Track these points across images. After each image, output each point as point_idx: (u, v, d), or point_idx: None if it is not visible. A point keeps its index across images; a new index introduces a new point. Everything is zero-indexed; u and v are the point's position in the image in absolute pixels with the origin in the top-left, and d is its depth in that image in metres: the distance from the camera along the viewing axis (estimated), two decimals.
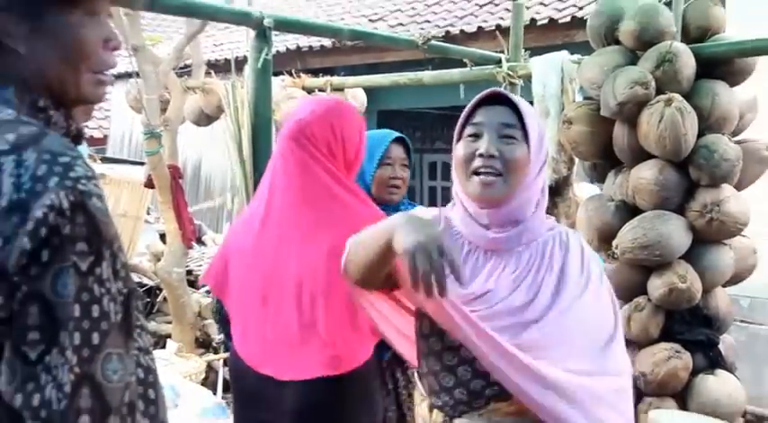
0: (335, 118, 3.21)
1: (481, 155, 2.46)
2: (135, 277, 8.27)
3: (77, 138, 1.75)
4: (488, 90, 2.58)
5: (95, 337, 1.49)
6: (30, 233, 1.45)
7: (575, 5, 8.60)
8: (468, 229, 2.60)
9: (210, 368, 7.13)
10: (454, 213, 2.67)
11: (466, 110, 2.57)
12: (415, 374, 2.90)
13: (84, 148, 3.57)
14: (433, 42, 6.01)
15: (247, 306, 3.19)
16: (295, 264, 3.09)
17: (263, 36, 4.54)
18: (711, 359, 4.90)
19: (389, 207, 3.73)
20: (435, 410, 2.66)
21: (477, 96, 2.56)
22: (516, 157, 2.48)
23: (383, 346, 3.16)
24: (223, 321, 3.45)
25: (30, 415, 1.46)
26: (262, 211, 3.28)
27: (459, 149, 2.53)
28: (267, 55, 4.57)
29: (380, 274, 2.50)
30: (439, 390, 2.63)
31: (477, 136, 2.50)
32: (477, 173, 2.48)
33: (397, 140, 3.89)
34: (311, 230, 3.09)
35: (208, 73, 8.37)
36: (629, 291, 4.99)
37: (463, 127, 2.56)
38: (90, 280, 1.50)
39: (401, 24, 10.44)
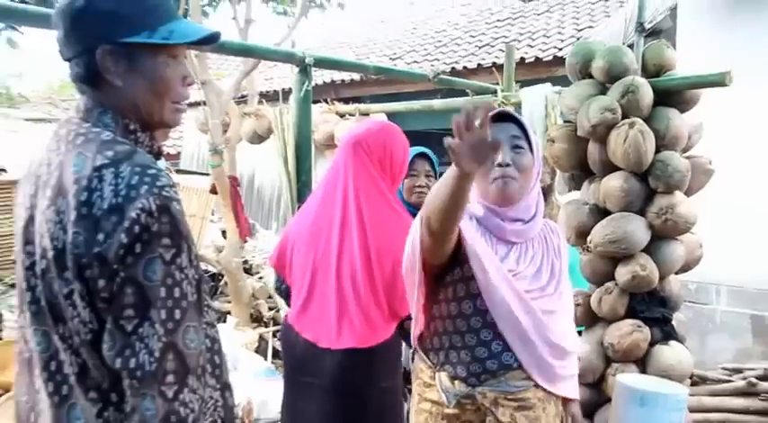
0: (388, 137, 3.24)
1: (500, 164, 2.52)
2: (202, 265, 8.31)
3: (158, 154, 1.80)
4: (496, 109, 2.56)
5: (177, 314, 1.55)
6: (126, 230, 1.51)
7: (555, 47, 8.60)
8: (490, 223, 2.62)
9: (262, 339, 7.13)
10: (475, 209, 2.68)
11: (485, 118, 2.40)
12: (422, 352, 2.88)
13: (162, 163, 3.60)
14: (442, 76, 6.03)
15: (300, 283, 3.21)
16: (338, 252, 3.10)
17: (304, 71, 4.57)
18: (666, 332, 4.90)
19: (419, 209, 3.71)
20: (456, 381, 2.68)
21: (492, 111, 2.41)
22: (525, 164, 2.56)
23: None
24: (284, 295, 3.46)
25: (127, 375, 1.52)
26: (315, 205, 3.31)
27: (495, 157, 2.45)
28: (308, 87, 4.60)
29: (457, 215, 2.34)
30: (457, 360, 2.66)
31: None
32: (496, 178, 2.53)
33: (422, 155, 3.89)
34: (356, 224, 3.10)
35: (260, 101, 8.40)
36: (601, 277, 5.00)
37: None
38: (172, 267, 1.55)
39: (415, 62, 10.44)
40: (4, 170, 8.49)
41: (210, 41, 1.83)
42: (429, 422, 2.74)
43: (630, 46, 5.11)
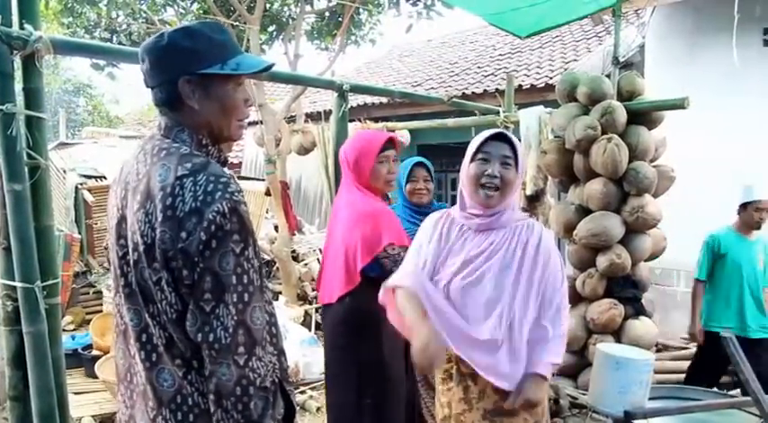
0: (346, 145, 3.40)
1: (488, 175, 2.50)
2: None
3: (224, 163, 1.82)
4: (495, 130, 2.61)
5: (246, 297, 1.58)
6: (205, 229, 1.54)
7: (547, 76, 8.55)
8: (465, 220, 2.63)
9: (307, 314, 7.16)
10: (455, 211, 2.70)
11: (477, 141, 2.57)
12: None
13: (227, 170, 3.64)
14: (454, 100, 6.02)
15: (322, 263, 3.41)
16: (339, 240, 3.23)
17: (342, 96, 4.57)
18: (637, 309, 4.91)
19: (423, 207, 3.71)
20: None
21: (487, 133, 2.57)
22: (510, 178, 2.52)
23: None
24: None
25: (206, 347, 1.56)
26: (334, 209, 3.46)
27: (472, 168, 2.55)
28: (345, 108, 4.61)
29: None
30: None
31: (486, 161, 2.53)
32: (483, 186, 2.52)
33: (419, 164, 3.85)
34: (347, 217, 3.23)
35: (306, 120, 8.46)
36: (584, 264, 5.01)
37: (476, 153, 2.56)
38: (242, 259, 1.58)
39: (432, 88, 10.43)
40: (104, 177, 8.59)
41: (267, 70, 1.86)
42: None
43: (608, 75, 5.14)
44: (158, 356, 1.68)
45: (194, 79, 1.71)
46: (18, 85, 2.70)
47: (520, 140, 5.47)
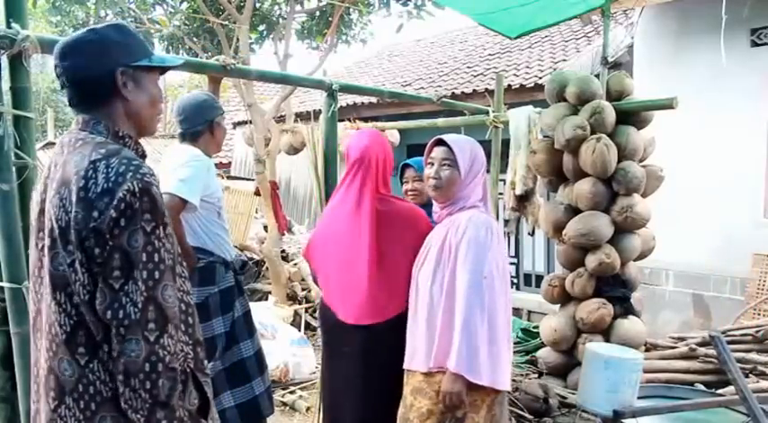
0: (379, 146, 3.19)
1: (432, 176, 2.92)
2: (248, 253, 8.35)
3: (144, 156, 1.87)
4: (436, 137, 3.00)
5: (157, 274, 1.62)
6: (115, 207, 1.59)
7: (536, 76, 8.56)
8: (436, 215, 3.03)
9: (296, 314, 7.16)
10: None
11: (427, 148, 3.00)
12: None
13: (214, 170, 3.61)
14: (444, 99, 6.02)
15: (328, 270, 3.16)
16: (346, 242, 3.08)
17: (332, 96, 4.56)
18: (625, 309, 4.92)
19: (423, 206, 3.55)
20: None
21: (432, 140, 3.00)
22: (448, 177, 2.89)
23: None
24: (315, 279, 3.45)
25: (116, 324, 1.59)
26: (330, 211, 3.26)
27: (425, 170, 2.99)
28: (334, 108, 4.59)
29: None
30: None
31: (431, 164, 2.96)
32: (430, 186, 2.94)
33: (407, 165, 3.84)
34: (367, 224, 3.04)
35: (296, 120, 8.45)
36: (573, 264, 5.01)
37: (425, 159, 3.02)
38: (152, 237, 1.63)
39: (422, 88, 10.43)
40: None
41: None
42: None
43: (597, 76, 5.15)
44: (57, 346, 1.70)
45: (129, 71, 1.79)
46: (5, 85, 2.68)
47: (509, 142, 5.50)
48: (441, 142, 2.95)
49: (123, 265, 1.59)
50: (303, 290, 7.69)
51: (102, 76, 1.77)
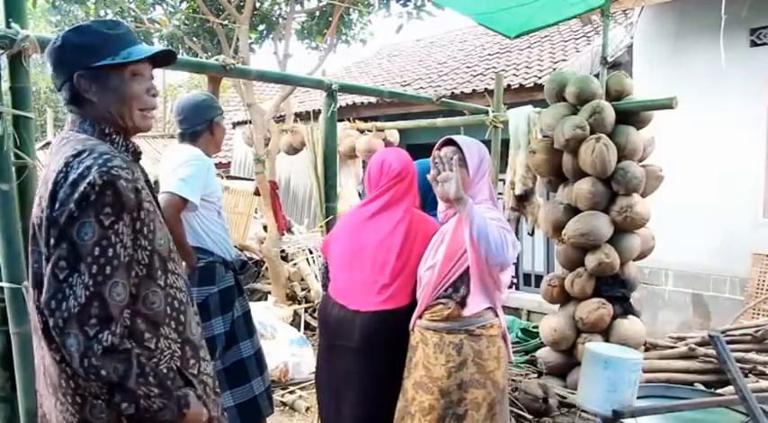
0: (408, 165, 3.27)
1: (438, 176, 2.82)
2: (247, 253, 8.34)
3: (137, 154, 1.87)
4: (444, 137, 3.03)
5: (108, 269, 1.59)
6: (74, 199, 1.58)
7: (536, 76, 8.56)
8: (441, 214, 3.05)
9: (296, 314, 7.14)
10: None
11: (435, 148, 2.99)
12: None
13: (214, 169, 3.60)
14: (443, 99, 6.01)
15: (341, 264, 3.19)
16: (374, 241, 3.11)
17: (331, 95, 4.56)
18: (625, 308, 4.92)
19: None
20: None
21: (440, 141, 3.02)
22: (457, 176, 2.80)
23: None
24: (325, 274, 3.44)
25: (57, 316, 1.56)
26: (358, 212, 3.30)
27: (432, 171, 2.83)
28: (334, 108, 4.59)
29: None
30: None
31: (440, 164, 2.82)
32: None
33: None
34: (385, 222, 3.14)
35: (295, 120, 8.44)
36: (573, 263, 5.01)
37: (432, 160, 2.87)
38: (109, 232, 1.60)
39: (422, 88, 10.42)
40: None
41: (159, 56, 1.88)
42: None
43: (596, 75, 5.15)
44: (39, 341, 1.73)
45: (87, 73, 1.77)
46: (5, 85, 2.68)
47: (509, 141, 5.50)
48: (449, 142, 3.00)
49: (69, 257, 1.57)
50: (303, 290, 7.67)
51: (64, 82, 1.78)
